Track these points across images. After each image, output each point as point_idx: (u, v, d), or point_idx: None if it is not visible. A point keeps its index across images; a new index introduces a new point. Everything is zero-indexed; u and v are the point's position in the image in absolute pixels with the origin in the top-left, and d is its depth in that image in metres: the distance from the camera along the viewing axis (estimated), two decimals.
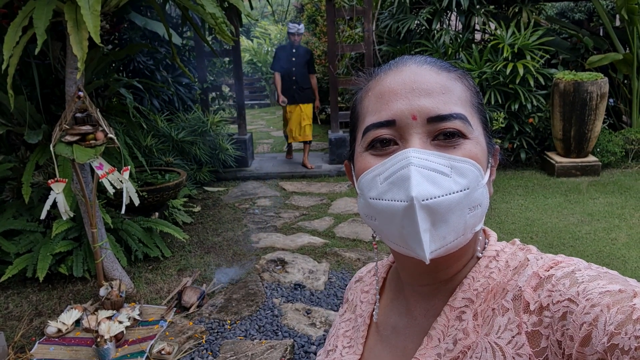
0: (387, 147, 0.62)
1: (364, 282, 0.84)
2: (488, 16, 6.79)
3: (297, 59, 6.80)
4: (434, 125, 0.61)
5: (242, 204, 5.72)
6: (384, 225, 0.61)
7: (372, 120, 0.64)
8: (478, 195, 0.60)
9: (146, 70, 6.29)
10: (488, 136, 0.67)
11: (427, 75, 0.63)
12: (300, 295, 3.61)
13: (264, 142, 9.20)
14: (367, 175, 0.63)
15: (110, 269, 3.58)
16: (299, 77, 6.81)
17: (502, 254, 0.66)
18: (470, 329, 0.61)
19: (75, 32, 2.79)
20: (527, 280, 0.58)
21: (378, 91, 0.65)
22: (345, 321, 0.82)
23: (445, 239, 0.58)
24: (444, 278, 0.67)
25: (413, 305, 0.70)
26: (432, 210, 0.56)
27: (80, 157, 3.04)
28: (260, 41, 15.76)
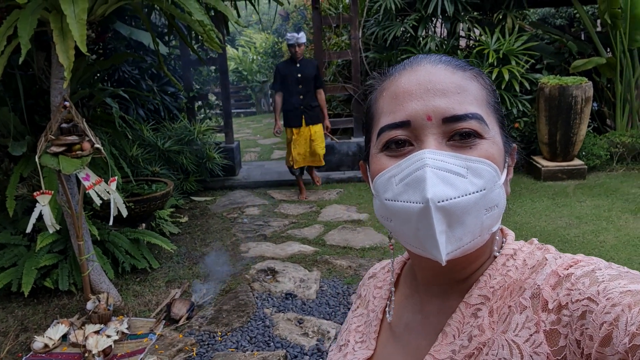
0: (402, 148, 0.62)
1: (377, 278, 0.83)
2: (473, 22, 6.85)
3: (303, 74, 5.76)
4: (449, 125, 0.60)
5: (231, 213, 5.67)
6: (400, 227, 0.61)
7: (386, 121, 0.64)
8: (495, 196, 0.59)
9: (131, 80, 6.23)
10: (505, 135, 0.66)
11: (442, 74, 0.62)
12: (292, 304, 3.57)
13: (251, 151, 9.16)
14: (382, 177, 0.63)
15: (97, 281, 3.52)
16: (306, 95, 5.79)
17: (520, 252, 0.65)
18: (486, 326, 0.60)
19: (61, 41, 2.75)
20: (546, 279, 0.57)
21: (392, 91, 0.65)
22: (357, 316, 0.81)
23: (461, 241, 0.57)
24: (460, 278, 0.66)
25: (427, 303, 0.69)
26: (448, 211, 0.56)
27: (66, 168, 2.99)
28: (246, 50, 15.76)
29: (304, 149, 5.87)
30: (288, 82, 5.74)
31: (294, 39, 5.68)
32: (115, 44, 5.95)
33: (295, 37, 5.68)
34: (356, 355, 0.74)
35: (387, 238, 0.72)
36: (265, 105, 15.84)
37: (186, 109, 7.10)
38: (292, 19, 11.39)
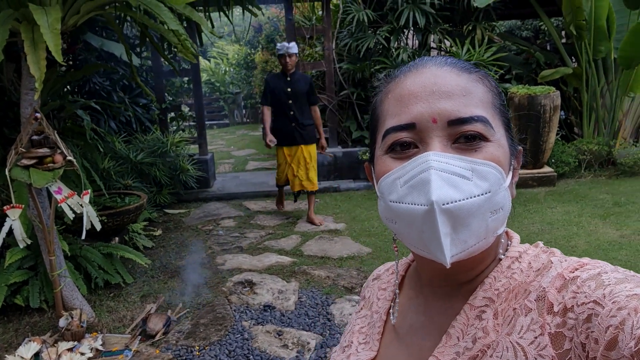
0: (407, 150, 0.62)
1: (381, 280, 0.83)
2: (444, 34, 6.98)
3: (294, 89, 5.19)
4: (454, 128, 0.60)
5: (206, 226, 5.60)
6: (404, 229, 0.61)
7: (392, 123, 0.64)
8: (500, 199, 0.59)
9: (102, 92, 6.13)
10: (510, 138, 0.66)
11: (447, 77, 0.62)
12: (271, 316, 3.53)
13: (225, 162, 9.09)
14: (387, 179, 0.63)
15: (69, 298, 3.42)
16: (298, 112, 5.21)
17: (525, 255, 0.65)
18: (490, 328, 0.60)
19: (33, 51, 2.69)
20: (552, 281, 0.57)
21: (398, 94, 0.65)
22: (361, 317, 0.81)
23: (466, 243, 0.57)
24: (465, 280, 0.66)
25: (431, 305, 0.69)
26: (453, 214, 0.56)
27: (37, 181, 2.91)
28: (218, 61, 15.70)
29: (302, 171, 5.29)
30: (278, 97, 5.20)
31: (284, 49, 5.11)
32: (86, 55, 5.86)
33: (285, 47, 5.12)
34: (359, 356, 0.74)
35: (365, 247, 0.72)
36: (238, 116, 15.77)
37: (159, 120, 7.02)
38: (265, 31, 11.41)
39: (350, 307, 3.55)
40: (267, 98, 5.27)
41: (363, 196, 6.43)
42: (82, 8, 3.23)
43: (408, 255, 0.81)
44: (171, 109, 7.31)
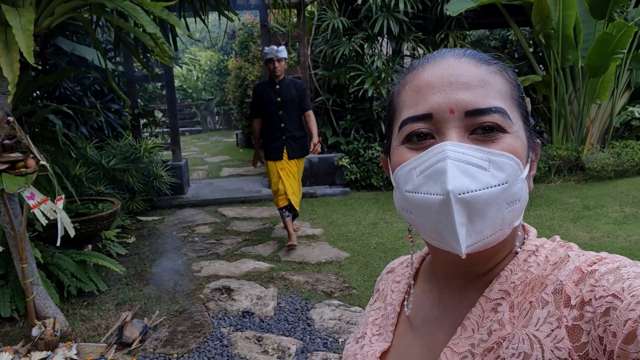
0: (423, 141, 0.62)
1: (395, 273, 0.83)
2: (417, 42, 7.08)
3: (283, 97, 4.72)
4: (472, 119, 0.60)
5: (180, 232, 5.52)
6: (420, 219, 0.61)
7: (408, 113, 0.63)
8: (517, 190, 0.59)
9: (73, 97, 6.00)
10: (529, 130, 0.66)
11: (465, 68, 0.62)
12: (250, 322, 3.50)
13: (199, 169, 9.00)
14: (403, 169, 0.62)
15: (42, 306, 3.32)
16: (288, 123, 4.74)
17: (542, 249, 0.65)
18: (506, 320, 0.59)
19: (6, 53, 2.62)
20: (569, 275, 0.57)
21: (415, 84, 0.64)
22: (375, 309, 0.80)
23: (482, 234, 0.57)
24: (480, 272, 0.66)
25: (446, 297, 0.69)
26: (469, 204, 0.56)
27: (9, 186, 2.82)
28: (190, 67, 15.56)
29: (293, 184, 4.82)
30: (266, 107, 4.72)
31: (272, 53, 4.63)
32: (56, 60, 5.74)
33: (274, 51, 4.63)
34: (373, 347, 0.73)
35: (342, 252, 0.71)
36: (211, 123, 15.65)
37: (131, 126, 6.91)
38: (239, 37, 11.37)
39: (330, 312, 3.54)
40: (256, 109, 4.81)
41: (339, 202, 6.44)
42: (56, 10, 3.16)
43: (422, 249, 0.80)
44: (144, 114, 7.21)
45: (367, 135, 7.15)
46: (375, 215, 5.80)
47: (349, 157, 7.01)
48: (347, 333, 3.25)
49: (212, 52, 15.09)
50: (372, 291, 3.66)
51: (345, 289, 3.91)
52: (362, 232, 5.21)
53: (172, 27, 4.43)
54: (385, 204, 6.27)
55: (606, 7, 6.45)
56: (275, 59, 4.64)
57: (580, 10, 6.65)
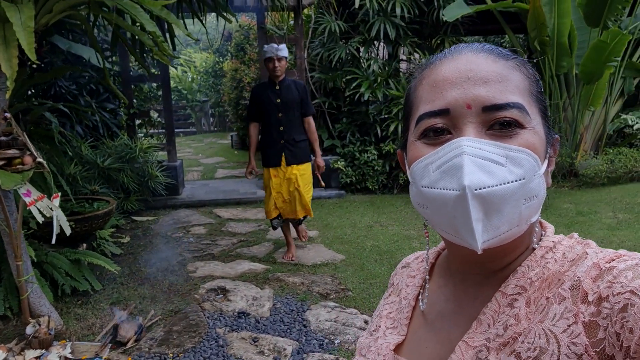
0: (440, 137, 0.61)
1: (410, 268, 0.83)
2: (413, 46, 7.11)
3: (283, 99, 4.37)
4: (489, 114, 0.59)
5: (175, 233, 5.50)
6: (436, 214, 0.61)
7: (425, 109, 0.63)
8: (534, 186, 0.59)
9: (68, 95, 5.98)
10: (547, 126, 0.65)
11: (483, 63, 0.62)
12: (245, 323, 3.49)
13: (193, 170, 8.98)
14: (419, 164, 0.62)
15: (37, 304, 3.29)
16: (288, 126, 4.40)
17: (559, 245, 0.65)
18: (522, 316, 0.59)
19: (4, 49, 2.61)
20: (587, 271, 0.57)
21: (432, 80, 0.64)
22: (389, 303, 0.80)
23: (498, 229, 0.57)
24: (496, 268, 0.65)
25: (462, 292, 0.68)
26: (485, 200, 0.55)
27: (5, 183, 2.80)
28: (185, 69, 15.54)
29: (286, 195, 4.46)
30: (265, 110, 4.38)
31: (271, 51, 4.30)
32: (52, 58, 5.71)
33: (274, 49, 4.30)
34: (387, 339, 0.73)
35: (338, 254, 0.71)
36: (205, 125, 15.62)
37: (126, 126, 6.88)
38: (235, 39, 11.37)
39: (325, 313, 3.54)
40: (253, 112, 4.47)
41: (335, 204, 6.44)
42: (54, 7, 3.15)
43: (437, 245, 0.80)
44: (139, 114, 7.18)
45: (363, 138, 7.16)
46: (370, 218, 5.81)
47: (344, 160, 7.02)
48: (343, 334, 3.25)
49: (207, 53, 15.08)
50: (367, 293, 3.65)
51: (341, 291, 3.91)
52: (358, 235, 5.21)
53: (169, 27, 4.43)
54: (380, 207, 6.29)
55: (601, 15, 6.51)
56: (275, 57, 4.29)
57: (575, 18, 6.72)
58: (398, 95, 6.79)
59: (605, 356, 0.51)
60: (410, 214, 5.89)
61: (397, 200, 6.58)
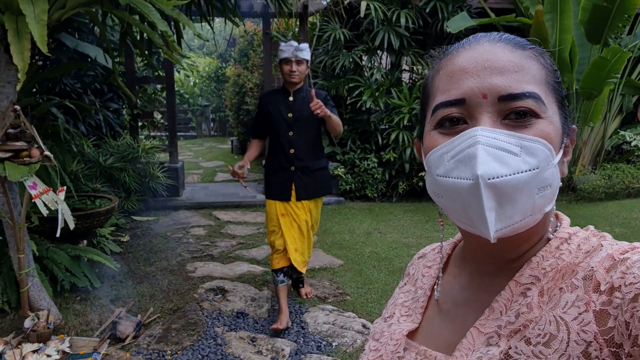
0: (456, 126, 0.62)
1: (427, 258, 0.84)
2: (416, 57, 7.17)
3: (298, 113, 3.40)
4: (505, 104, 0.60)
5: (175, 233, 5.51)
6: (450, 203, 0.62)
7: (441, 98, 0.64)
8: (548, 175, 0.59)
9: (73, 93, 6.01)
10: (564, 115, 0.65)
11: (500, 53, 0.62)
12: (244, 323, 3.50)
13: (193, 173, 9.00)
14: (435, 153, 0.63)
15: (36, 298, 3.30)
16: (301, 150, 3.42)
17: (575, 237, 0.65)
18: (535, 304, 0.60)
19: (17, 41, 2.64)
20: (601, 261, 0.57)
21: (449, 69, 0.64)
22: (404, 292, 0.82)
23: (511, 219, 0.57)
24: (511, 257, 0.66)
25: (477, 281, 0.69)
26: (499, 189, 0.56)
27: (12, 174, 2.82)
28: (188, 73, 15.60)
29: (299, 239, 3.51)
30: (273, 126, 3.43)
31: (289, 50, 3.32)
32: (59, 55, 5.75)
33: (292, 48, 3.31)
34: (401, 326, 0.75)
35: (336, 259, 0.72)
36: (205, 129, 15.65)
37: (129, 126, 6.91)
38: (239, 45, 11.44)
39: (324, 316, 3.56)
40: (259, 127, 3.55)
41: (333, 210, 6.47)
42: (68, 3, 3.19)
43: (454, 236, 0.82)
44: (143, 115, 7.22)
45: (364, 146, 7.20)
46: (369, 225, 5.83)
47: (344, 167, 7.05)
48: (341, 337, 3.27)
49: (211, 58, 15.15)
50: (365, 298, 3.67)
51: (339, 295, 3.92)
52: (356, 241, 5.23)
53: (177, 28, 4.47)
54: (379, 214, 6.31)
55: (601, 32, 6.59)
56: (294, 59, 3.32)
57: (576, 34, 6.79)
58: (400, 105, 6.84)
59: (614, 344, 0.52)
60: (409, 222, 5.92)
61: (396, 209, 6.61)
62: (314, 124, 3.43)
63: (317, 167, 3.50)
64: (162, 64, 6.96)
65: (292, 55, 3.33)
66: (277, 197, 3.48)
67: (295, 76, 3.37)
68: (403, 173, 7.04)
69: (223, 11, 4.76)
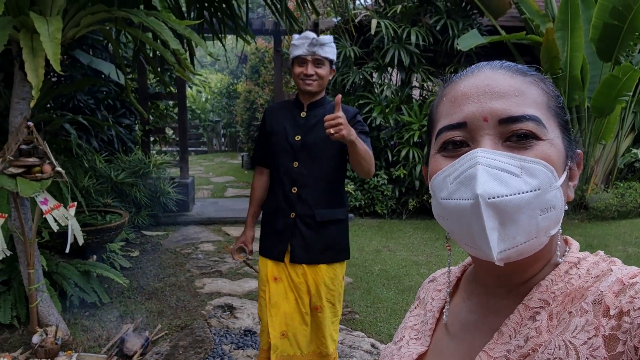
0: (458, 149, 0.63)
1: (437, 282, 0.85)
2: (427, 74, 7.19)
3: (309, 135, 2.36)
4: (505, 126, 0.61)
5: (184, 249, 5.52)
6: (454, 225, 0.62)
7: (444, 123, 0.66)
8: (551, 197, 0.59)
9: (86, 109, 6.08)
10: (568, 139, 0.66)
11: (500, 78, 0.64)
12: (251, 341, 3.47)
13: (204, 188, 9.04)
14: (438, 177, 0.64)
15: (45, 314, 3.30)
16: (308, 188, 2.37)
17: (584, 262, 0.65)
18: (544, 329, 0.60)
19: (31, 59, 2.68)
20: (610, 286, 0.57)
21: (452, 96, 0.67)
22: (414, 316, 0.82)
23: (515, 240, 0.57)
24: (518, 281, 0.66)
25: (485, 304, 0.70)
26: (500, 209, 0.56)
27: (24, 190, 2.85)
28: (200, 89, 15.76)
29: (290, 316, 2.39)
30: (274, 151, 2.44)
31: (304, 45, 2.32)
32: (73, 72, 5.83)
33: (308, 41, 2.31)
34: (410, 349, 0.75)
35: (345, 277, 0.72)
36: (216, 144, 15.75)
37: (141, 141, 6.97)
38: (250, 61, 11.56)
39: None
40: (261, 151, 2.54)
41: None
42: (82, 21, 3.24)
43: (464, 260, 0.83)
44: (155, 131, 7.28)
45: None
46: (378, 242, 5.80)
47: (354, 184, 7.05)
48: (350, 357, 3.23)
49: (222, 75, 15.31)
50: (374, 317, 3.63)
51: (347, 314, 3.89)
52: (365, 259, 5.20)
53: (190, 46, 4.53)
54: (388, 232, 6.28)
55: (613, 50, 6.57)
56: (310, 58, 2.30)
57: (587, 52, 6.78)
58: (410, 121, 6.85)
59: None
60: (419, 240, 5.88)
61: (406, 226, 6.58)
62: (331, 153, 2.33)
63: (329, 218, 2.37)
64: (174, 81, 7.03)
65: (307, 52, 2.27)
66: (268, 254, 2.42)
67: (312, 82, 2.31)
68: (413, 190, 7.02)
69: (235, 29, 4.82)
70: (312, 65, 2.31)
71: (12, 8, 3.04)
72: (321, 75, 2.33)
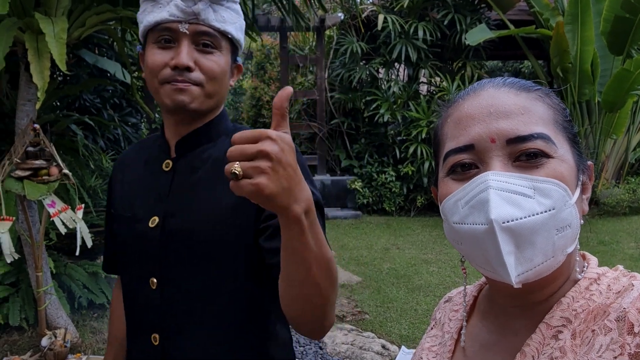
0: (467, 171, 0.63)
1: (453, 302, 0.83)
2: (434, 69, 7.13)
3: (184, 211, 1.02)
4: (514, 146, 0.60)
5: None
6: (470, 250, 0.62)
7: (451, 145, 0.65)
8: (566, 215, 0.58)
9: (92, 109, 6.06)
10: (578, 153, 0.65)
11: (504, 97, 0.63)
12: None
13: None
14: (449, 201, 0.64)
15: (54, 316, 3.29)
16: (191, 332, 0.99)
17: (604, 277, 0.64)
18: (568, 348, 0.58)
19: (37, 60, 2.65)
20: (633, 302, 0.56)
21: (456, 117, 0.66)
22: (431, 337, 0.81)
23: (532, 262, 0.57)
24: (537, 300, 0.65)
25: (503, 324, 0.68)
26: (515, 232, 0.56)
27: (31, 193, 2.82)
28: None
29: None
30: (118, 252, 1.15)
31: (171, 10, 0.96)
32: (78, 71, 5.81)
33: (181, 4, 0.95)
34: None
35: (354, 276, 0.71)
36: None
37: None
38: (256, 58, 11.52)
39: (342, 336, 3.49)
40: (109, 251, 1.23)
41: (351, 225, 6.41)
42: (87, 21, 3.21)
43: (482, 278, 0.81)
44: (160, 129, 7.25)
45: (381, 159, 7.15)
46: (387, 240, 5.76)
47: (361, 181, 7.00)
48: (360, 358, 3.19)
49: None
50: (384, 317, 3.60)
51: (357, 314, 3.85)
52: (374, 257, 5.16)
53: None
54: (397, 229, 6.23)
55: (624, 44, 6.48)
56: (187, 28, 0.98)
57: (598, 45, 6.69)
58: (418, 117, 6.79)
59: None
60: (428, 238, 5.83)
61: (414, 223, 6.53)
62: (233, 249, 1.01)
63: None
64: None
65: (180, 15, 0.98)
66: None
67: (188, 86, 1.00)
68: (421, 187, 6.97)
69: None
70: (190, 45, 1.00)
71: (17, 9, 3.01)
72: (211, 72, 1.02)
